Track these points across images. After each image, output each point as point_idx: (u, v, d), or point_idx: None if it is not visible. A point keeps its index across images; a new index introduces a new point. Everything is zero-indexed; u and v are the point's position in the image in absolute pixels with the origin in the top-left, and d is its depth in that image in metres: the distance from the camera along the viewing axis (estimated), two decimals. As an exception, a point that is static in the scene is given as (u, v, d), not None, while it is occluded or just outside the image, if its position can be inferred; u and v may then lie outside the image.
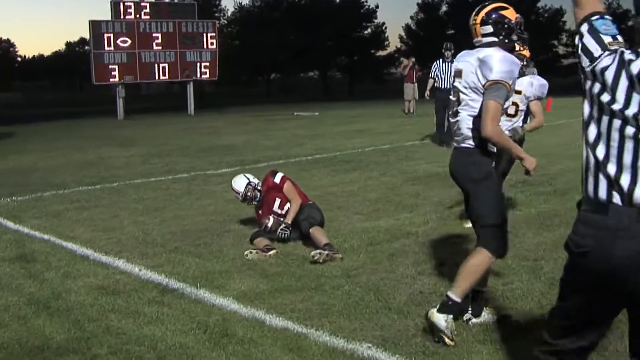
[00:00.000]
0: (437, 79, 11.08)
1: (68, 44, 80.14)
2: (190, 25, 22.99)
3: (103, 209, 6.55)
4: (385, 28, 50.23)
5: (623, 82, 1.82)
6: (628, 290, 1.80)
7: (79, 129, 17.66)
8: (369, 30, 48.94)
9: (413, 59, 19.75)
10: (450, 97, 3.24)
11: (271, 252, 4.61)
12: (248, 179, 5.23)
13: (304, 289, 3.94)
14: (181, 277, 4.25)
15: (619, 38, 1.92)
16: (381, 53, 51.69)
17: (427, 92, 11.25)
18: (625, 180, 1.77)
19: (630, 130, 1.79)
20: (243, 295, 3.85)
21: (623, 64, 1.83)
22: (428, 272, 4.20)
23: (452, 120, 3.24)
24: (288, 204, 5.00)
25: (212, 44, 23.69)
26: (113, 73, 21.46)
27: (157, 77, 22.92)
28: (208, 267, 4.46)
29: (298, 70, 50.43)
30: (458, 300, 3.08)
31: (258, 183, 5.21)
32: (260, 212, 5.14)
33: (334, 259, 4.42)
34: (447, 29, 45.97)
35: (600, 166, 1.83)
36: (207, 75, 24.12)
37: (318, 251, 4.45)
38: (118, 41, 21.40)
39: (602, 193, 1.82)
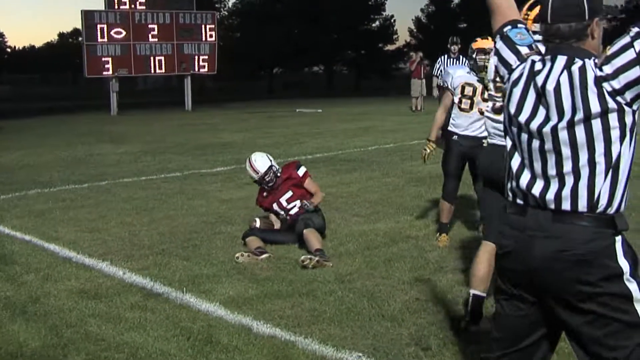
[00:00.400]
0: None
1: (61, 35, 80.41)
2: (188, 16, 23.02)
3: (90, 209, 6.57)
4: (394, 21, 50.49)
5: (531, 94, 1.87)
6: (550, 294, 1.85)
7: (70, 125, 17.74)
8: (377, 23, 48.97)
9: (420, 54, 19.73)
10: (490, 91, 3.30)
11: (263, 256, 4.61)
12: (271, 161, 5.12)
13: (295, 294, 3.94)
14: (167, 280, 4.26)
15: (536, 47, 1.97)
16: (389, 47, 51.72)
17: (435, 92, 10.63)
18: (538, 187, 1.86)
19: (536, 143, 1.85)
20: (231, 301, 3.86)
21: (532, 74, 1.88)
22: (426, 278, 4.20)
23: (492, 116, 3.28)
24: (297, 202, 4.97)
25: (211, 36, 23.72)
26: (106, 66, 21.50)
27: (152, 71, 22.96)
28: (195, 270, 4.47)
29: (302, 65, 50.49)
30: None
31: (279, 169, 5.16)
32: (264, 195, 5.10)
33: (323, 266, 4.41)
34: (459, 22, 45.93)
35: (516, 174, 1.91)
36: (206, 69, 24.15)
37: (308, 256, 4.45)
38: (112, 32, 21.45)
39: (520, 197, 1.90)
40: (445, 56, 10.08)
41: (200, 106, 25.33)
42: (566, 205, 1.79)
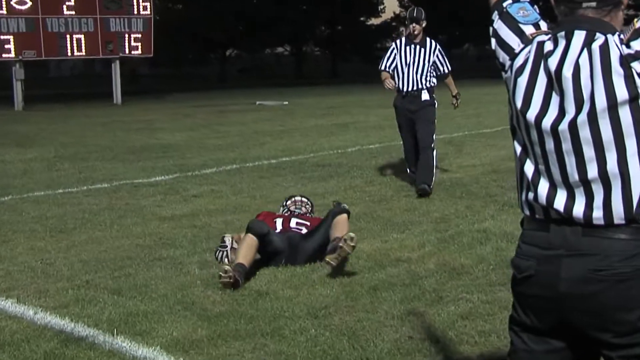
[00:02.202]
0: (394, 74, 7.93)
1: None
2: (114, -17, 22.96)
3: (-10, 232, 6.54)
4: (379, -12, 50.73)
5: (541, 83, 1.89)
6: (582, 324, 1.89)
7: (-38, 124, 17.53)
8: (357, -10, 49.38)
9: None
10: None
11: (225, 278, 4.67)
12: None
13: (256, 334, 3.99)
14: (92, 320, 4.27)
15: (542, 25, 1.99)
16: (373, 21, 52.20)
17: (389, 85, 7.87)
18: (560, 199, 1.89)
19: (550, 143, 1.88)
20: (175, 344, 3.88)
21: (541, 58, 1.89)
22: (421, 310, 4.28)
23: None
24: (305, 226, 5.51)
25: (144, 8, 23.64)
26: (7, 47, 21.18)
27: (69, 53, 22.77)
28: (130, 307, 4.49)
29: (262, 45, 50.60)
30: None
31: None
32: (279, 215, 5.73)
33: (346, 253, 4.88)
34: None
35: (531, 184, 1.95)
36: (139, 52, 24.07)
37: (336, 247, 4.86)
38: (13, 2, 21.16)
39: (539, 212, 1.94)
40: (400, 42, 7.99)
41: (133, 99, 25.22)
42: (598, 219, 1.83)
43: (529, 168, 1.95)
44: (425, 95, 7.89)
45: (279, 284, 4.84)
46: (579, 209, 1.86)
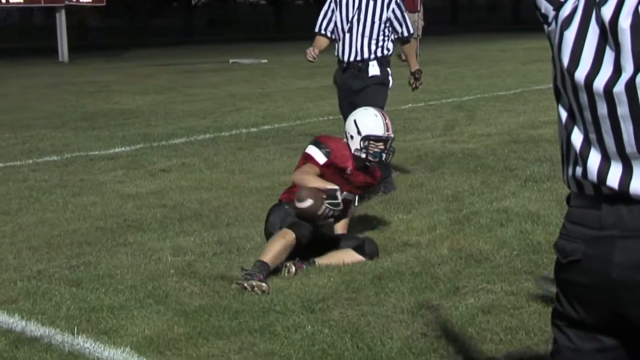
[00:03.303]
0: (333, 37, 6.88)
1: None
2: None
3: None
4: None
5: (592, 37, 1.88)
6: (629, 319, 1.90)
7: None
8: None
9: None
10: None
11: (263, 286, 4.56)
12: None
13: (243, 331, 3.99)
14: (47, 318, 4.25)
15: None
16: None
17: (310, 55, 6.84)
18: (615, 173, 1.89)
19: (602, 107, 1.87)
20: (147, 344, 3.88)
21: (592, 6, 1.89)
22: (435, 304, 4.30)
23: None
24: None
25: (95, -52, 23.42)
26: None
27: (3, 0, 22.50)
28: (92, 301, 4.47)
29: (235, -9, 50.25)
30: None
31: None
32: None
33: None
34: None
35: (580, 156, 1.95)
36: (89, -1, 23.84)
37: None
38: None
39: (588, 188, 1.94)
40: None
41: (83, 56, 25.03)
42: None
43: (576, 137, 1.95)
44: (374, 69, 6.61)
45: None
46: (637, 185, 1.86)
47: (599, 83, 1.86)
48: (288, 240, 4.80)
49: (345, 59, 6.64)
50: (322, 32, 6.76)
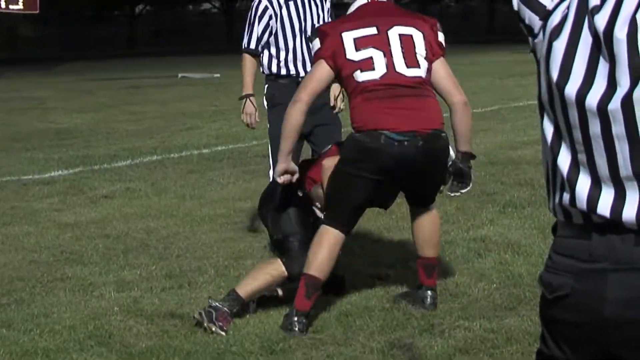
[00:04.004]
0: (270, 54, 6.17)
1: None
2: None
3: None
4: None
5: (584, 48, 1.87)
6: (616, 357, 1.90)
7: None
8: None
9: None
10: None
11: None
12: None
13: (196, 377, 3.97)
14: (-24, 362, 4.20)
15: None
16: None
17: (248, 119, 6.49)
18: (606, 199, 1.88)
19: (595, 125, 1.86)
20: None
21: (585, 14, 1.88)
22: (407, 343, 4.30)
23: None
24: None
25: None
26: None
27: None
28: (24, 343, 4.42)
29: (184, 0, 50.31)
30: None
31: None
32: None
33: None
34: None
35: (567, 180, 1.93)
36: (21, 6, 23.70)
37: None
38: None
39: (577, 216, 1.93)
40: None
41: (12, 69, 24.79)
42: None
43: (564, 160, 1.94)
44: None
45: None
46: (630, 211, 1.85)
47: (592, 99, 1.85)
48: (275, 278, 4.73)
49: (290, 73, 6.04)
50: (253, 48, 6.06)
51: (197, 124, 12.93)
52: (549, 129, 1.97)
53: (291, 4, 6.05)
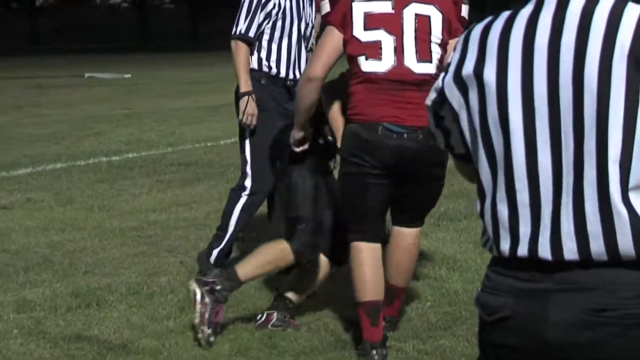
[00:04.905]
0: (267, 47, 5.96)
1: None
2: None
3: None
4: None
5: (514, 60, 1.91)
6: None
7: None
8: None
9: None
10: None
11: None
12: None
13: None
14: None
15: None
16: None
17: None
18: (545, 240, 1.91)
19: (518, 151, 1.90)
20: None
21: (511, 22, 1.93)
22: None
23: None
24: None
25: None
26: None
27: None
28: None
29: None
30: None
31: None
32: None
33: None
34: None
35: (496, 202, 1.97)
36: None
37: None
38: None
39: (505, 245, 1.95)
40: None
41: None
42: (597, 245, 1.86)
43: (487, 182, 1.97)
44: None
45: (135, 330, 4.76)
46: (568, 229, 1.90)
47: (514, 119, 1.89)
48: (280, 265, 4.79)
49: (290, 75, 5.85)
50: (249, 35, 5.77)
51: (106, 129, 12.79)
52: (483, 156, 1.98)
53: None
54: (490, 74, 1.91)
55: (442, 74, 2.03)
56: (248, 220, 5.84)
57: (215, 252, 5.67)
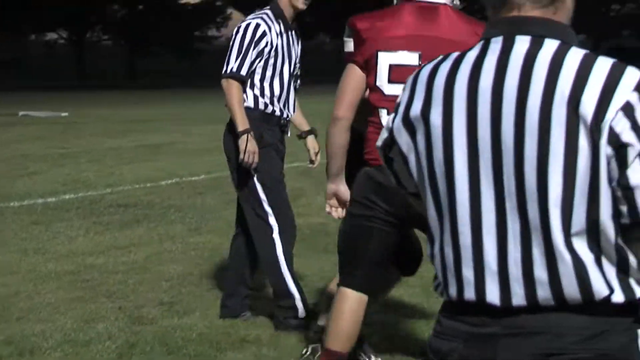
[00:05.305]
0: (262, 86, 5.92)
1: None
2: None
3: None
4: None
5: (459, 103, 1.97)
6: None
7: None
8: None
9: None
10: None
11: None
12: None
13: None
14: None
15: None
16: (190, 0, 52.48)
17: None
18: (493, 288, 1.96)
19: (462, 194, 1.96)
20: None
21: (457, 65, 1.99)
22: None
23: None
24: None
25: None
26: None
27: None
28: None
29: (25, 28, 49.47)
30: None
31: None
32: None
33: None
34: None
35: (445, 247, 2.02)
36: None
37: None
38: None
39: (452, 290, 2.01)
40: (271, 20, 5.91)
41: None
42: (543, 291, 1.90)
43: (436, 226, 2.03)
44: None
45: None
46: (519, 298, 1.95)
47: (458, 164, 1.95)
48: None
49: (285, 113, 5.92)
50: (243, 74, 5.73)
51: (42, 169, 12.68)
52: (429, 196, 2.04)
53: (286, 36, 5.86)
54: (436, 116, 1.97)
55: (392, 115, 2.08)
56: (292, 256, 5.81)
57: (294, 323, 5.58)
